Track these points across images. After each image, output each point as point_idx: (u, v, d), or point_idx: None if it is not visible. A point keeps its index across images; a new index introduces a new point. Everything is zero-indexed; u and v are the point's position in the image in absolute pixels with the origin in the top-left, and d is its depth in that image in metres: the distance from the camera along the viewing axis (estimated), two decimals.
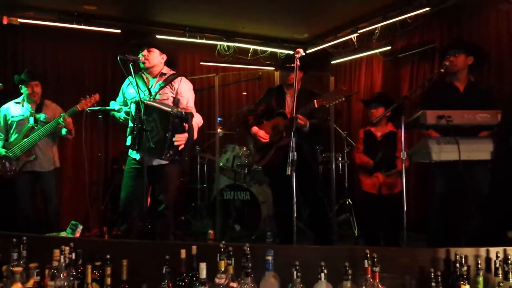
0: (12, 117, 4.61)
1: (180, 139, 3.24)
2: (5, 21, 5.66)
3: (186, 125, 3.28)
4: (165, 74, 3.62)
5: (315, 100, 3.86)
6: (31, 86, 4.60)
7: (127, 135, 3.42)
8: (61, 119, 4.43)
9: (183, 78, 3.65)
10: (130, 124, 3.42)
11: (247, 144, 5.48)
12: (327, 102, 3.85)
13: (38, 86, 4.65)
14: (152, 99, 3.45)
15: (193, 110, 3.59)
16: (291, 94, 4.23)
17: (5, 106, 4.69)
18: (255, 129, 4.23)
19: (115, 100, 3.76)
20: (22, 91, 4.65)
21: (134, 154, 3.55)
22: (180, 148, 3.28)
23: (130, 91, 3.59)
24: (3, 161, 4.48)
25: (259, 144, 4.22)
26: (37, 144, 4.53)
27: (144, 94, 3.48)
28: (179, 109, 3.30)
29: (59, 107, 4.79)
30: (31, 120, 4.57)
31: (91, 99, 4.46)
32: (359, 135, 4.93)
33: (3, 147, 4.54)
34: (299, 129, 3.94)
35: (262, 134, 4.17)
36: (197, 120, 3.55)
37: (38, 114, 4.61)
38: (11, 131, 4.60)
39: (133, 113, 3.37)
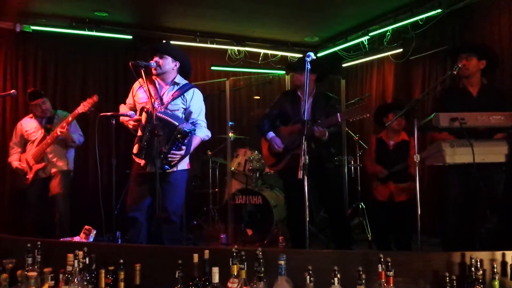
0: (26, 131, 4.77)
1: (175, 156, 3.32)
2: (18, 28, 5.74)
3: (186, 142, 3.33)
4: (178, 83, 3.59)
5: (338, 114, 3.83)
6: (37, 106, 4.73)
7: (135, 143, 3.44)
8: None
9: (196, 90, 3.63)
10: (139, 133, 3.43)
11: (259, 148, 5.46)
12: (351, 118, 3.82)
13: (46, 102, 4.77)
14: (164, 108, 3.45)
15: (204, 124, 3.62)
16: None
17: (21, 121, 4.87)
18: (271, 135, 4.23)
19: (125, 103, 3.78)
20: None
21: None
22: (172, 163, 3.36)
23: (141, 95, 3.58)
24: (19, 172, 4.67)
25: (275, 149, 4.20)
26: (46, 151, 4.63)
27: (156, 102, 3.45)
28: (186, 126, 3.32)
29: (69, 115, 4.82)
30: (42, 131, 4.71)
31: (91, 100, 4.49)
32: (371, 142, 4.85)
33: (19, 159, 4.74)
34: (318, 139, 3.93)
35: (278, 143, 4.15)
36: (202, 135, 3.57)
37: (49, 125, 4.74)
38: (27, 144, 4.76)
39: (143, 122, 3.37)
